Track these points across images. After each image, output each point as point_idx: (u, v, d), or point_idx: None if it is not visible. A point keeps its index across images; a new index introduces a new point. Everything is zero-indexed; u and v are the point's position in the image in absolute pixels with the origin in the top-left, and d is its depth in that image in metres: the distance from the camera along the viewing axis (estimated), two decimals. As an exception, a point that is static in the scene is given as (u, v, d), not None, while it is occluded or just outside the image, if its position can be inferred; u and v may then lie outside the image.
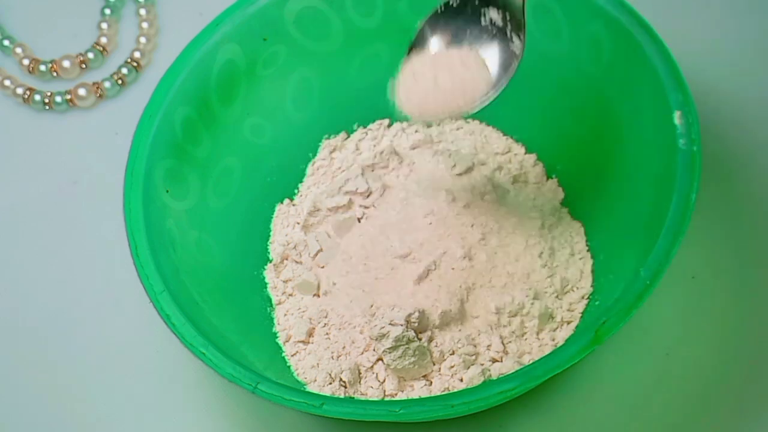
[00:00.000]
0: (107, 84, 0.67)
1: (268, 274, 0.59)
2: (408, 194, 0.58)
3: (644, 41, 0.55)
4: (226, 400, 0.57)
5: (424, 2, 0.60)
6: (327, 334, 0.56)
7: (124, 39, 0.69)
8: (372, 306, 0.55)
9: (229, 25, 0.59)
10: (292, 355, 0.56)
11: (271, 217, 0.60)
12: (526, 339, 0.55)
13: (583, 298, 0.56)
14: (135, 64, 0.67)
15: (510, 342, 0.55)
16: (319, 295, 0.58)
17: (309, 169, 0.62)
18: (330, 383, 0.54)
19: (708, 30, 0.65)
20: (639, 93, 0.55)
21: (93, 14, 0.70)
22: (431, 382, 0.54)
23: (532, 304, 0.55)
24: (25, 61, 0.68)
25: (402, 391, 0.54)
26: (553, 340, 0.55)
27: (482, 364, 0.54)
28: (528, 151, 0.61)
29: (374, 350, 0.54)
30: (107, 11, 0.69)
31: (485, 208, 0.57)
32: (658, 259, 0.50)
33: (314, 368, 0.55)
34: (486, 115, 0.61)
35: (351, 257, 0.57)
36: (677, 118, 0.53)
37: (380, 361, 0.54)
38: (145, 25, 0.69)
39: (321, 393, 0.54)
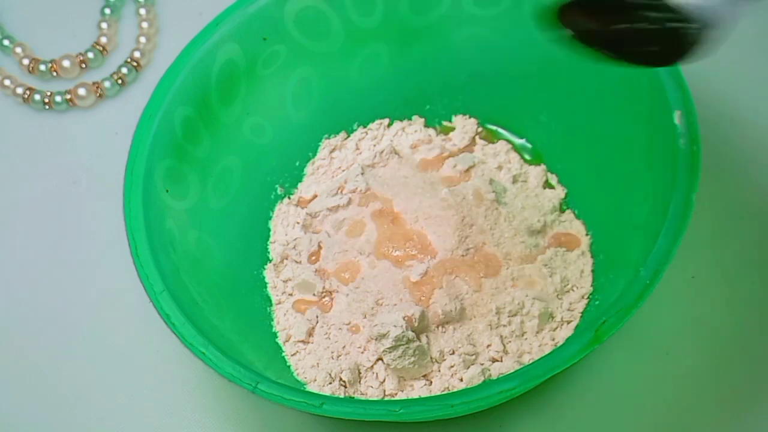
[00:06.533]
0: (107, 84, 0.67)
1: (268, 273, 0.59)
2: (408, 194, 0.58)
3: (644, 41, 0.55)
4: (226, 400, 0.57)
5: (424, 2, 0.60)
6: (327, 333, 0.56)
7: (124, 39, 0.69)
8: (372, 306, 0.55)
9: (229, 25, 0.59)
10: (292, 355, 0.56)
11: (271, 217, 0.60)
12: (526, 339, 0.55)
13: (583, 297, 0.56)
14: (135, 63, 0.67)
15: (510, 342, 0.55)
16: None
17: (309, 169, 0.62)
18: (330, 383, 0.54)
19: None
20: (639, 93, 0.55)
21: (93, 14, 0.70)
22: (431, 382, 0.54)
23: (532, 303, 0.55)
24: (25, 61, 0.68)
25: (402, 391, 0.54)
26: (553, 339, 0.55)
27: (482, 364, 0.54)
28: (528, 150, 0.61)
29: (374, 350, 0.54)
30: (107, 11, 0.69)
31: (485, 208, 0.57)
32: (658, 259, 0.50)
33: (314, 368, 0.55)
34: (486, 115, 0.61)
35: (351, 257, 0.57)
36: (677, 118, 0.53)
37: (380, 361, 0.54)
38: (145, 24, 0.69)
39: (321, 393, 0.54)
